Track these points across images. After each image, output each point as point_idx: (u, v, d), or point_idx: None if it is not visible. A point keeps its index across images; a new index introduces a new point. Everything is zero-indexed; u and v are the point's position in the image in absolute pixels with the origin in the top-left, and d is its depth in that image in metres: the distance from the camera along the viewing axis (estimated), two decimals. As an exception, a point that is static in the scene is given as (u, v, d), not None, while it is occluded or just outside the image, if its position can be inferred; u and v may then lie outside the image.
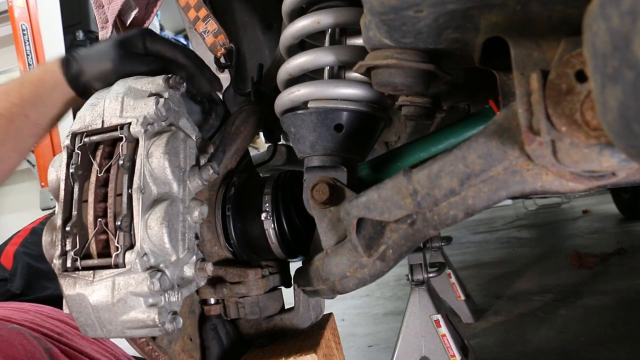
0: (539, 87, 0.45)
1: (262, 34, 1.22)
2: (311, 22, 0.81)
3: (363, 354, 2.02)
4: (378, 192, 0.65)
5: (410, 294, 1.58)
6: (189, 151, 0.78)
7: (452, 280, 2.19)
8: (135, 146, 0.72)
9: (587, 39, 0.33)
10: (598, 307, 2.03)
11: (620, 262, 2.65)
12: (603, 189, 0.90)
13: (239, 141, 0.91)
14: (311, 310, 0.93)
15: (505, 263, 3.15)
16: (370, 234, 0.70)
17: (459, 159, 0.57)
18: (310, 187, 0.77)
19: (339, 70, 0.85)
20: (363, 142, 0.85)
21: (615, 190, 3.82)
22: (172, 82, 0.77)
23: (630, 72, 0.28)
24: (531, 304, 2.22)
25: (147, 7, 1.10)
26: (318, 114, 0.80)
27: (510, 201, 5.78)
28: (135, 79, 0.79)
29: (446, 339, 1.50)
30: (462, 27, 0.58)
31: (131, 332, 0.68)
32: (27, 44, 2.83)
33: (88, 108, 0.76)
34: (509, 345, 1.82)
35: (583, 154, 0.46)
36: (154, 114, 0.72)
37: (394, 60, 0.66)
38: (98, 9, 1.06)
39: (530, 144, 0.49)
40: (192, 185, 0.77)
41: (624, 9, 0.27)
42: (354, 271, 0.73)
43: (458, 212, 0.60)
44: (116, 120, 0.73)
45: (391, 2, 0.52)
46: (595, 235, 3.50)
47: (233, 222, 0.85)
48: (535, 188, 0.54)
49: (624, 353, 1.58)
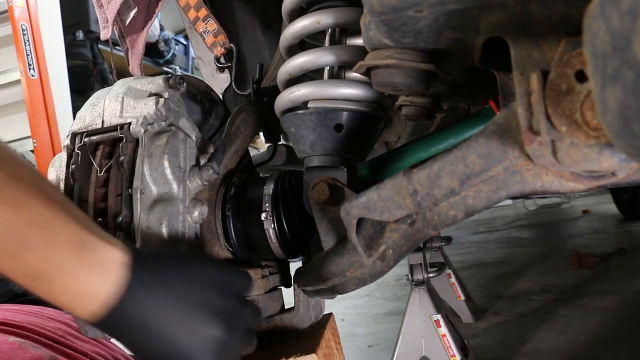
0: (539, 87, 0.45)
1: (262, 34, 1.22)
2: (311, 22, 0.81)
3: (363, 354, 2.02)
4: (378, 192, 0.65)
5: (410, 294, 1.58)
6: (189, 151, 0.78)
7: (452, 280, 2.19)
8: (135, 146, 0.72)
9: (587, 39, 0.33)
10: (598, 307, 2.03)
11: (620, 262, 2.65)
12: (603, 189, 0.90)
13: (239, 141, 0.91)
14: (311, 310, 0.93)
15: (505, 263, 3.15)
16: (370, 234, 0.70)
17: (459, 159, 0.57)
18: (310, 187, 0.77)
19: (339, 70, 0.85)
20: (363, 142, 0.85)
21: (615, 190, 3.82)
22: (172, 82, 0.77)
23: (630, 72, 0.28)
24: (531, 304, 2.22)
25: (149, 8, 1.10)
26: (318, 114, 0.80)
27: (510, 201, 5.78)
28: (135, 79, 0.79)
29: (446, 339, 1.50)
30: (462, 27, 0.58)
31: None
32: (27, 44, 2.83)
33: (88, 108, 0.77)
34: (509, 345, 1.82)
35: (583, 154, 0.46)
36: (154, 114, 0.72)
37: (394, 60, 0.66)
38: (99, 9, 1.06)
39: (530, 144, 0.49)
40: (192, 185, 0.77)
41: (624, 9, 0.27)
42: (354, 271, 0.73)
43: (458, 212, 0.60)
44: (116, 120, 0.73)
45: (391, 2, 0.52)
46: (595, 235, 3.50)
47: (233, 222, 0.85)
48: (535, 188, 0.54)
49: (624, 353, 1.58)
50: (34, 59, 2.85)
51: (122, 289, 0.55)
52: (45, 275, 0.53)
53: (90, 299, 0.55)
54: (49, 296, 0.55)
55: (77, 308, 0.56)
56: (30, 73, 2.84)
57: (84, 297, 0.55)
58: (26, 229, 0.51)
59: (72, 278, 0.54)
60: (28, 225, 0.51)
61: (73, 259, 0.54)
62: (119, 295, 0.55)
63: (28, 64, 2.83)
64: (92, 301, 0.55)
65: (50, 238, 0.53)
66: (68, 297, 0.55)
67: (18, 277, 0.54)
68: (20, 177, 0.52)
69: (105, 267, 0.55)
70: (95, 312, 0.55)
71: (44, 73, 2.88)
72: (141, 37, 1.14)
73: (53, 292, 0.54)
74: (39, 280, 0.53)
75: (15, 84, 2.90)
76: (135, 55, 1.16)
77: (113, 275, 0.56)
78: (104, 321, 0.56)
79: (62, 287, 0.54)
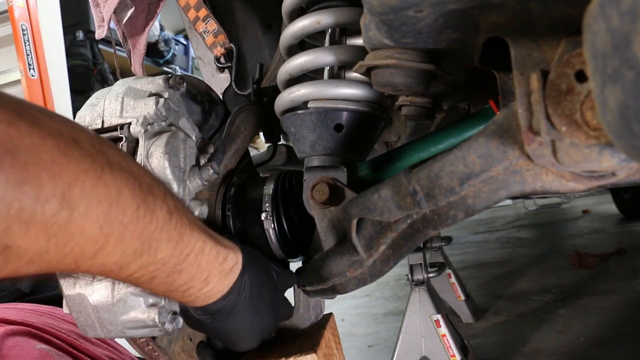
0: (539, 87, 0.45)
1: (262, 34, 1.22)
2: (311, 22, 0.81)
3: (363, 354, 2.02)
4: (378, 192, 0.65)
5: (410, 294, 1.58)
6: (189, 151, 0.78)
7: (452, 280, 2.19)
8: (135, 146, 0.72)
9: (587, 39, 0.33)
10: (598, 307, 2.03)
11: (620, 262, 2.64)
12: (603, 189, 0.90)
13: (239, 141, 0.91)
14: (311, 310, 0.93)
15: (505, 263, 3.15)
16: (370, 234, 0.70)
17: (459, 159, 0.57)
18: (310, 187, 0.77)
19: (339, 70, 0.85)
20: (363, 142, 0.85)
21: (615, 190, 3.82)
22: (172, 82, 0.77)
23: (630, 72, 0.28)
24: (531, 304, 2.21)
25: (150, 8, 1.10)
26: (318, 114, 0.80)
27: (510, 201, 5.78)
28: (135, 79, 0.79)
29: (446, 339, 1.50)
30: (462, 27, 0.58)
31: (131, 332, 0.68)
32: (27, 44, 2.83)
33: (88, 108, 0.76)
34: (509, 345, 1.82)
35: (583, 154, 0.46)
36: (154, 114, 0.72)
37: (394, 60, 0.66)
38: (95, 8, 1.06)
39: (530, 144, 0.49)
40: (192, 185, 0.77)
41: (624, 9, 0.27)
42: (354, 271, 0.73)
43: (458, 212, 0.60)
44: (116, 120, 0.73)
45: (391, 2, 0.52)
46: (595, 235, 3.50)
47: (233, 222, 0.85)
48: (535, 188, 0.54)
49: (624, 353, 1.58)
50: (34, 59, 2.85)
51: (234, 284, 0.66)
52: (188, 288, 0.61)
53: (214, 295, 0.64)
54: (172, 295, 0.62)
55: (198, 302, 0.64)
56: (30, 73, 2.84)
57: (209, 294, 0.64)
58: (182, 258, 0.58)
59: (207, 284, 0.63)
60: (186, 254, 0.58)
61: (212, 270, 0.63)
62: (231, 288, 0.66)
63: (28, 64, 2.83)
64: (214, 296, 0.65)
65: (199, 261, 0.60)
66: (195, 296, 0.63)
67: (158, 292, 0.60)
68: (173, 209, 0.57)
69: (230, 270, 0.66)
70: (210, 302, 0.65)
71: (44, 73, 2.88)
72: (142, 38, 1.14)
73: (182, 296, 0.62)
74: (176, 291, 0.61)
75: (15, 84, 2.90)
76: (136, 55, 1.16)
77: (233, 275, 0.66)
78: (210, 307, 0.65)
79: (195, 291, 0.62)
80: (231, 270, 0.66)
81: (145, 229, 0.52)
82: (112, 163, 0.49)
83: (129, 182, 0.50)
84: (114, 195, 0.48)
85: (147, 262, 0.54)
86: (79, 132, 0.48)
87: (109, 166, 0.48)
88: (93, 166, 0.46)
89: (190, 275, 0.60)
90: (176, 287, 0.60)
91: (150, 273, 0.55)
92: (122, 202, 0.49)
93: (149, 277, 0.56)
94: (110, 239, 0.49)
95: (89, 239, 0.47)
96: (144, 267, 0.54)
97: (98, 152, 0.48)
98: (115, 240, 0.49)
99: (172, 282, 0.59)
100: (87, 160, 0.46)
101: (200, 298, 0.64)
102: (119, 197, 0.48)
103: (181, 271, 0.58)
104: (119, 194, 0.48)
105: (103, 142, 0.50)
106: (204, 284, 0.62)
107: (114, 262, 0.51)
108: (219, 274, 0.64)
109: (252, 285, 0.68)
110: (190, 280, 0.60)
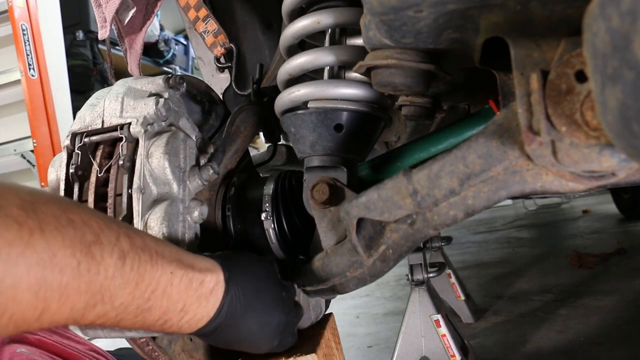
0: (539, 87, 0.45)
1: (262, 34, 1.22)
2: (311, 22, 0.81)
3: (363, 354, 2.02)
4: (378, 192, 0.65)
5: (410, 294, 1.58)
6: (189, 151, 0.78)
7: (452, 280, 2.19)
8: (135, 146, 0.72)
9: (587, 39, 0.33)
10: (598, 307, 2.03)
11: (620, 262, 2.64)
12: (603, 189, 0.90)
13: (239, 141, 0.91)
14: (311, 310, 0.93)
15: (505, 263, 3.15)
16: (370, 234, 0.70)
17: (459, 159, 0.57)
18: (310, 187, 0.77)
19: (339, 70, 0.85)
20: (363, 142, 0.85)
21: (615, 190, 3.82)
22: (172, 82, 0.77)
23: (630, 72, 0.28)
24: (531, 304, 2.21)
25: (148, 7, 1.10)
26: (318, 114, 0.80)
27: (510, 201, 5.78)
28: (135, 79, 0.79)
29: (446, 339, 1.50)
30: (462, 27, 0.58)
31: (131, 332, 0.68)
32: (27, 44, 2.82)
33: (88, 108, 0.76)
34: (509, 345, 1.82)
35: (583, 154, 0.46)
36: (154, 114, 0.72)
37: (394, 60, 0.66)
38: (97, 9, 1.06)
39: (530, 144, 0.49)
40: (192, 186, 0.77)
41: (624, 9, 0.27)
42: (354, 271, 0.73)
43: (458, 212, 0.60)
44: (116, 121, 0.73)
45: (391, 2, 0.52)
46: (595, 235, 3.50)
47: (233, 222, 0.85)
48: (535, 188, 0.54)
49: (624, 353, 1.58)
50: (34, 59, 2.85)
51: (220, 303, 0.64)
52: (164, 321, 0.60)
53: (200, 319, 0.63)
54: (152, 330, 0.61)
55: (184, 330, 0.63)
56: (30, 73, 2.84)
57: (193, 321, 0.62)
58: (147, 297, 0.56)
59: (185, 313, 0.61)
60: (150, 292, 0.56)
61: (188, 298, 0.60)
62: (219, 309, 0.64)
63: (28, 64, 2.83)
64: (201, 321, 0.63)
65: (168, 294, 0.58)
66: (177, 326, 0.61)
67: (134, 329, 0.60)
68: (128, 250, 0.55)
69: (210, 292, 0.63)
70: (199, 327, 0.63)
71: (44, 73, 2.88)
72: (139, 37, 1.14)
73: (162, 329, 0.61)
74: (153, 326, 0.60)
75: (15, 84, 2.90)
76: (133, 55, 1.16)
77: (216, 296, 0.64)
78: (202, 330, 0.64)
79: (175, 322, 0.61)
80: (212, 292, 0.63)
81: (92, 282, 0.50)
82: (45, 223, 0.46)
83: (67, 239, 0.48)
84: (46, 258, 0.46)
85: (105, 310, 0.52)
86: (7, 196, 0.46)
87: (39, 229, 0.46)
88: (20, 233, 0.44)
89: (162, 310, 0.58)
90: (151, 324, 0.58)
91: (113, 318, 0.54)
92: (58, 262, 0.47)
93: (115, 322, 0.55)
94: (51, 302, 0.47)
95: (27, 306, 0.45)
96: (103, 315, 0.53)
97: (28, 215, 0.45)
98: (58, 301, 0.47)
99: (144, 320, 0.57)
100: (13, 229, 0.44)
101: (185, 327, 0.62)
102: (52, 259, 0.46)
103: (150, 309, 0.57)
104: (53, 255, 0.46)
105: (37, 199, 0.48)
106: (182, 313, 0.60)
107: (65, 318, 0.49)
108: (197, 300, 0.62)
109: (245, 293, 0.67)
110: (164, 315, 0.59)
